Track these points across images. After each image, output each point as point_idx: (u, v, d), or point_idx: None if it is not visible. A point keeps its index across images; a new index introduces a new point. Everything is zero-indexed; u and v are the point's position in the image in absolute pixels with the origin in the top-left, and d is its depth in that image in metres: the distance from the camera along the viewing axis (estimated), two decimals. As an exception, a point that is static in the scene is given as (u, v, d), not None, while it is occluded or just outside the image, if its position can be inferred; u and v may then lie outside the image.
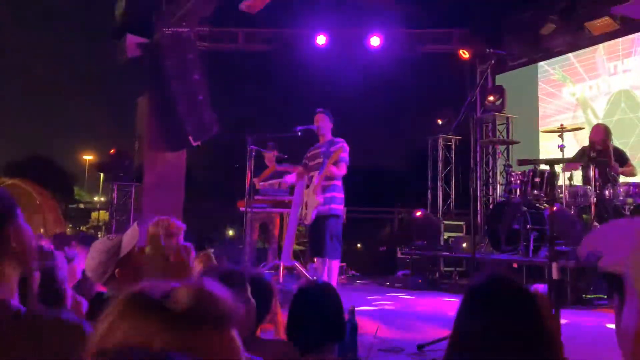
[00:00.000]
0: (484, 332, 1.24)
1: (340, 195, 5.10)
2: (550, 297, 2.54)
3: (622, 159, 6.39)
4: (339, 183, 5.12)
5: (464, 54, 9.40)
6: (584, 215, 6.49)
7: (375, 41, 9.47)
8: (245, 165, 5.94)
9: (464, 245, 7.56)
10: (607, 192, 6.10)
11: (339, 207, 5.07)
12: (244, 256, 5.99)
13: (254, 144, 6.10)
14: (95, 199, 31.69)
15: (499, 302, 1.25)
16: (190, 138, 8.11)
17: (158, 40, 8.61)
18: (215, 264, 2.99)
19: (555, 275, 2.41)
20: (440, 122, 9.60)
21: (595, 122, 8.27)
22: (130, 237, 2.16)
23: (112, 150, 9.29)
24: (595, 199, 6.06)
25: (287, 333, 2.10)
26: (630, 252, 0.46)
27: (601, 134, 6.39)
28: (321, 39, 9.41)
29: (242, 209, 6.23)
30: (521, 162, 6.28)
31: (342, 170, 5.10)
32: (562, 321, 2.91)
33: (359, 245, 10.17)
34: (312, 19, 9.39)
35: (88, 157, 39.84)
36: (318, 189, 5.01)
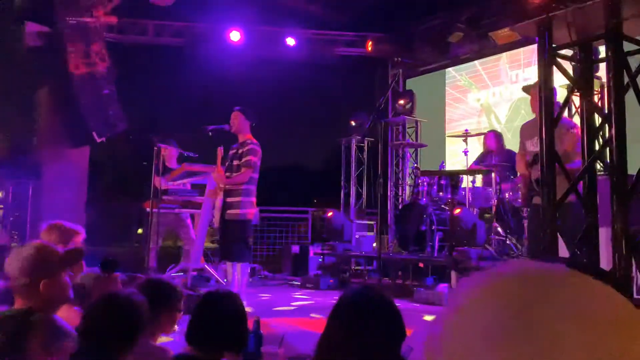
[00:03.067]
0: (350, 335, 1.46)
1: (251, 199, 4.98)
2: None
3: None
4: (249, 186, 4.99)
5: (369, 47, 9.58)
6: (486, 215, 6.84)
7: (291, 41, 9.46)
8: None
9: (374, 245, 7.72)
10: (507, 194, 6.45)
11: (248, 211, 4.95)
12: (149, 259, 5.76)
13: (162, 143, 5.89)
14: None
15: (363, 309, 1.49)
16: (94, 134, 7.70)
17: (61, 30, 8.11)
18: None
19: (453, 282, 2.48)
20: (353, 123, 9.73)
21: (498, 127, 8.73)
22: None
23: None
24: (495, 200, 6.39)
25: (186, 338, 2.04)
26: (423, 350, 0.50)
27: (493, 141, 6.81)
28: (235, 35, 9.26)
29: (148, 209, 5.99)
30: (423, 174, 6.54)
31: (244, 176, 4.92)
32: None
33: (272, 245, 10.12)
34: (227, 15, 9.20)
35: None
36: (226, 192, 4.88)
